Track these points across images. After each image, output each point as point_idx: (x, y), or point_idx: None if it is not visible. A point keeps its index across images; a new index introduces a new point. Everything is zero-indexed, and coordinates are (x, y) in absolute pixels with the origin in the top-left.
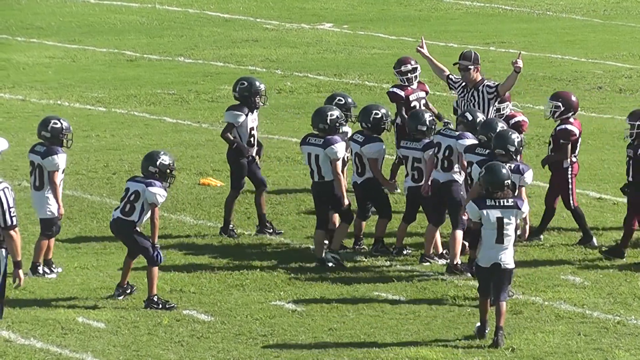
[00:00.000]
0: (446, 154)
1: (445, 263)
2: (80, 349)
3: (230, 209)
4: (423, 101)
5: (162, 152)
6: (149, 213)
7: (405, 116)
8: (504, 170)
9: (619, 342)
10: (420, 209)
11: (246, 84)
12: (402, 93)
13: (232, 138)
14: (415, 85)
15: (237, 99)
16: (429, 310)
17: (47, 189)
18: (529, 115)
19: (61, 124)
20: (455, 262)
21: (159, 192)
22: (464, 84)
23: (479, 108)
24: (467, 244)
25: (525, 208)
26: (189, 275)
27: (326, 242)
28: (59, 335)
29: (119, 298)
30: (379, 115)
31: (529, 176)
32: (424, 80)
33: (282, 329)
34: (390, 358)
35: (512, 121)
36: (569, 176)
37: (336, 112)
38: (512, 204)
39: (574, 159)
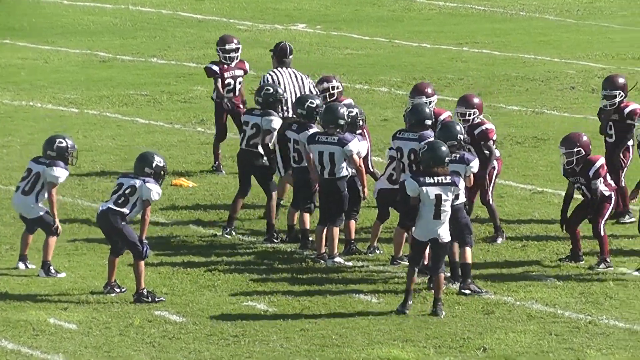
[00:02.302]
0: (412, 157)
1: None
2: (52, 351)
3: (271, 213)
4: (240, 79)
5: (156, 154)
6: (140, 211)
7: (222, 91)
8: (443, 148)
9: (590, 342)
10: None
11: (272, 90)
12: (217, 69)
13: (272, 149)
14: (234, 64)
15: (258, 104)
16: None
17: (34, 195)
18: (501, 115)
19: (66, 142)
20: (425, 263)
21: (155, 189)
22: None
23: None
24: None
25: (462, 185)
26: (160, 276)
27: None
28: (30, 336)
29: (111, 295)
30: (354, 113)
31: (475, 165)
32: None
33: (253, 329)
34: (362, 358)
35: (477, 130)
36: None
37: (343, 110)
38: (450, 181)
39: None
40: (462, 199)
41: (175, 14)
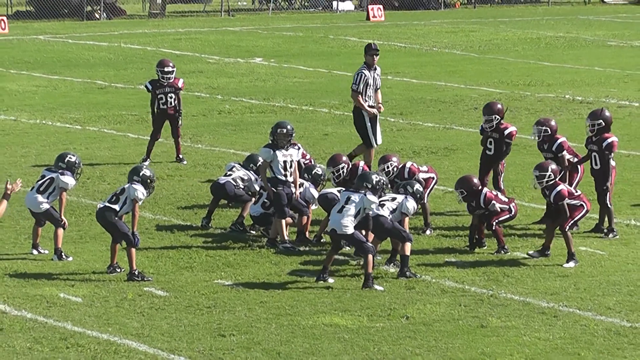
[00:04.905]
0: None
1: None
2: (62, 319)
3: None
4: (171, 95)
5: (144, 167)
6: (130, 209)
7: (155, 104)
8: (365, 177)
9: (492, 311)
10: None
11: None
12: (152, 87)
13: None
14: (167, 82)
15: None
16: (340, 286)
17: (45, 195)
18: (419, 130)
19: (75, 158)
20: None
21: (140, 189)
22: None
23: None
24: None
25: (356, 198)
26: (148, 259)
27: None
28: (44, 308)
29: (111, 275)
30: (320, 172)
31: (410, 205)
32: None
33: (222, 302)
34: (309, 325)
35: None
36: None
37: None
38: (351, 190)
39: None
40: (385, 212)
41: (158, 50)
